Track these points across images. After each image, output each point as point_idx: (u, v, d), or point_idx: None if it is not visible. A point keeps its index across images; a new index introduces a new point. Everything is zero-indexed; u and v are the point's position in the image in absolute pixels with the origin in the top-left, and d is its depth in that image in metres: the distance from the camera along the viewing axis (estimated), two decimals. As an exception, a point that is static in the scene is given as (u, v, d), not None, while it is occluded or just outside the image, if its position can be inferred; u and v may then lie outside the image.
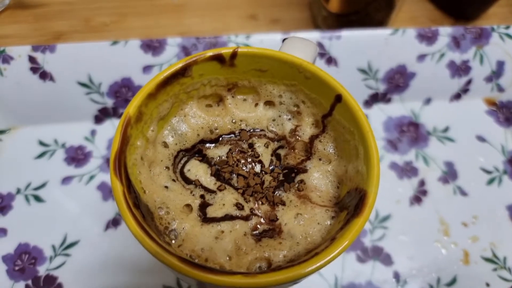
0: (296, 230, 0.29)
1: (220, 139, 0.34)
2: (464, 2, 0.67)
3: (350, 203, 0.28)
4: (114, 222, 0.48)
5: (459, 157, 0.54)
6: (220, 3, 0.65)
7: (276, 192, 0.31)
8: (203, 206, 0.30)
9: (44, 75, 0.51)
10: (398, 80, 0.56)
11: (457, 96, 0.58)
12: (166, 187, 0.30)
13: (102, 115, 0.53)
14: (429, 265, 0.47)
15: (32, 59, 0.50)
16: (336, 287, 0.45)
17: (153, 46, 0.52)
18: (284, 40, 0.36)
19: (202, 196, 0.31)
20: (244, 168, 0.32)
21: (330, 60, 0.54)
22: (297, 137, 0.33)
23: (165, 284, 0.45)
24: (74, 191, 0.50)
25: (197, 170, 0.32)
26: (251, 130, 0.34)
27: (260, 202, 0.31)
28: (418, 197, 0.51)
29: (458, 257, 0.47)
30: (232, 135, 0.34)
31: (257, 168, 0.33)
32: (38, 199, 0.49)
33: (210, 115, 0.34)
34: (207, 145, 0.33)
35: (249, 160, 0.33)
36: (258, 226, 0.30)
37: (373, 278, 0.46)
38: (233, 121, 0.34)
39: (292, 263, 0.25)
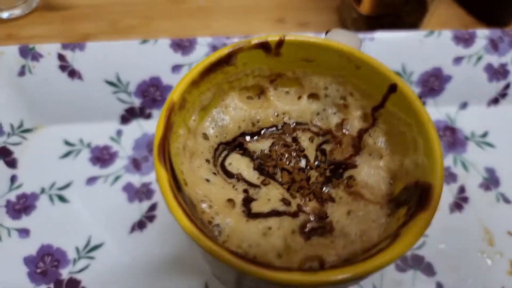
0: (349, 228, 0.27)
1: (262, 132, 0.32)
2: (497, 8, 0.66)
3: (409, 198, 0.26)
4: (140, 225, 0.46)
5: (501, 163, 0.51)
6: (247, 7, 0.64)
7: (324, 188, 0.29)
8: (247, 201, 0.28)
9: (73, 73, 0.50)
10: (433, 83, 0.54)
11: (495, 101, 0.56)
12: (208, 180, 0.28)
13: (128, 115, 0.52)
14: (474, 276, 0.44)
15: (61, 57, 0.49)
16: (375, 298, 0.42)
17: (183, 45, 0.51)
18: (326, 32, 0.34)
19: (245, 191, 0.29)
20: (288, 162, 0.30)
21: (364, 62, 0.53)
22: (344, 131, 0.31)
23: (192, 290, 0.43)
24: (99, 192, 0.48)
25: (238, 163, 0.30)
26: (295, 124, 0.32)
27: (308, 199, 0.29)
28: (458, 204, 0.48)
29: (504, 268, 0.44)
30: (275, 129, 0.32)
31: (302, 163, 0.31)
32: (62, 199, 0.47)
33: (252, 107, 0.32)
34: (248, 138, 0.32)
35: (294, 154, 0.31)
36: (307, 224, 0.27)
37: (414, 289, 0.43)
38: (276, 114, 0.32)
39: (349, 262, 0.23)
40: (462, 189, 0.49)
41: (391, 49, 0.53)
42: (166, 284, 0.43)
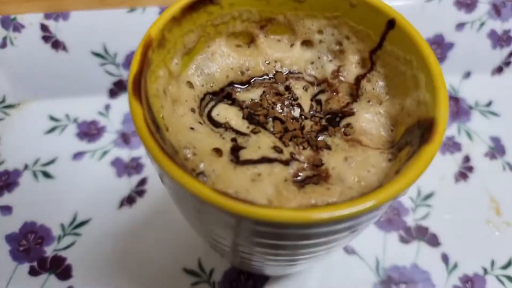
0: (347, 174, 0.24)
1: (252, 81, 0.29)
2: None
3: (411, 138, 0.24)
4: (129, 200, 0.44)
5: (506, 132, 0.49)
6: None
7: (320, 136, 0.27)
8: (235, 149, 0.26)
9: (57, 44, 0.48)
10: (435, 52, 0.52)
11: (499, 70, 0.54)
12: (192, 128, 0.26)
13: (117, 89, 0.50)
14: (481, 246, 0.42)
15: (44, 27, 0.47)
16: (377, 270, 0.40)
17: (172, 14, 0.48)
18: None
19: (233, 140, 0.26)
20: (280, 111, 0.28)
21: (361, 29, 0.51)
22: (341, 78, 0.29)
23: (185, 267, 0.40)
24: (86, 167, 0.46)
25: (226, 113, 0.28)
26: (287, 72, 0.30)
27: (301, 147, 0.26)
28: (463, 173, 0.46)
29: (513, 238, 0.42)
30: (266, 77, 0.30)
31: (296, 112, 0.28)
32: (47, 175, 0.45)
33: (241, 54, 0.30)
34: (238, 88, 0.29)
35: (286, 103, 0.28)
36: (300, 173, 0.25)
37: (419, 260, 0.41)
38: (267, 62, 0.30)
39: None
40: (467, 159, 0.47)
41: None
42: (157, 261, 0.41)
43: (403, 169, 0.20)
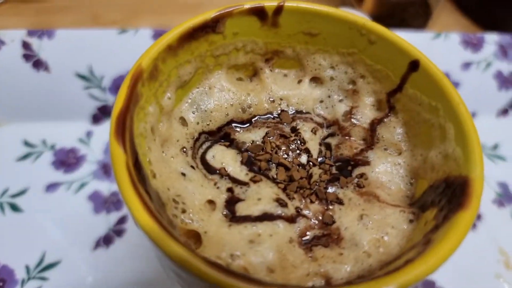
0: (362, 237, 0.21)
1: (254, 120, 0.26)
2: (501, 18, 0.62)
3: (438, 198, 0.20)
4: (106, 240, 0.39)
5: (514, 178, 0.47)
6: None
7: (329, 188, 0.23)
8: (231, 202, 0.22)
9: (38, 64, 0.44)
10: (439, 90, 0.50)
11: (504, 112, 0.51)
12: (183, 174, 0.22)
13: (101, 114, 0.46)
14: (492, 305, 0.38)
15: (26, 45, 0.44)
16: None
17: (165, 38, 0.45)
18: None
19: (229, 190, 0.23)
20: (285, 156, 0.24)
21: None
22: (353, 121, 0.26)
23: (165, 319, 0.35)
24: (59, 200, 0.41)
25: (223, 156, 0.24)
26: (294, 112, 0.27)
27: (309, 200, 0.23)
28: (471, 223, 0.43)
29: (526, 296, 0.39)
30: (270, 116, 0.26)
31: (303, 158, 0.25)
32: (15, 208, 0.40)
33: (242, 89, 0.26)
34: (237, 127, 0.26)
35: (292, 147, 0.25)
36: (308, 231, 0.21)
37: (426, 319, 0.37)
38: (271, 99, 0.27)
39: (364, 279, 0.17)
40: (474, 206, 0.44)
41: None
42: (133, 311, 0.36)
43: (433, 241, 0.17)
